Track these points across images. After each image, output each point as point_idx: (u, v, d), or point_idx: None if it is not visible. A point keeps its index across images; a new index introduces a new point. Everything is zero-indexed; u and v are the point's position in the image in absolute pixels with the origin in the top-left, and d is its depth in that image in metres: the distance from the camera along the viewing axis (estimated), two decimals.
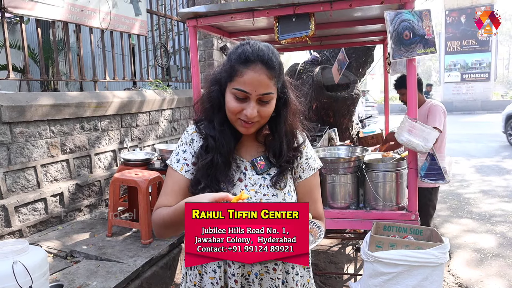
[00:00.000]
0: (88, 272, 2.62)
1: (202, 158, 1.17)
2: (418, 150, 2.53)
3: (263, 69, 1.08)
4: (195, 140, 1.24)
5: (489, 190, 5.96)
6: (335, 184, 2.76)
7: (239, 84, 1.08)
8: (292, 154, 1.23)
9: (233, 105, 1.11)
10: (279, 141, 1.20)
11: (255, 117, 1.11)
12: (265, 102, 1.12)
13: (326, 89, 4.82)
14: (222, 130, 1.17)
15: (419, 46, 2.45)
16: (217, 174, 1.15)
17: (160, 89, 5.15)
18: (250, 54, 1.08)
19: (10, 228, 3.10)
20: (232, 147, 1.18)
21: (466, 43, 23.81)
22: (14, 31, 8.26)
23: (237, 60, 1.10)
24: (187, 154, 1.22)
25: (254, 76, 1.07)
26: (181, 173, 1.19)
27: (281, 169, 1.21)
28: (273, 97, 1.14)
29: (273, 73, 1.10)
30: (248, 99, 1.10)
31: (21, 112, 3.16)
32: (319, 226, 1.10)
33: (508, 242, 3.99)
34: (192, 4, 6.19)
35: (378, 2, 2.46)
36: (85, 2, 4.02)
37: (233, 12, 2.75)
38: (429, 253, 2.14)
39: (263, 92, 1.09)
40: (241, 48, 1.12)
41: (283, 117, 1.20)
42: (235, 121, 1.15)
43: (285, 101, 1.20)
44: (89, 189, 3.88)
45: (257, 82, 1.07)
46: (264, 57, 1.08)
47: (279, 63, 1.13)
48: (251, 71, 1.07)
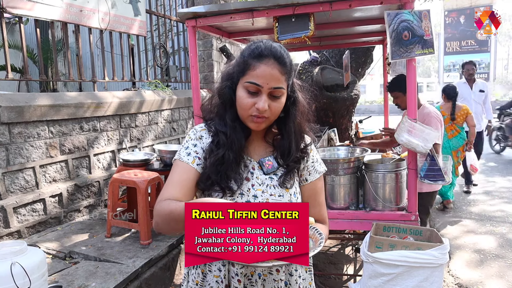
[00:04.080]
0: (87, 273, 2.61)
1: (213, 153, 1.16)
2: (418, 151, 2.52)
3: (275, 64, 1.11)
4: (204, 136, 1.23)
5: (491, 191, 5.96)
6: (334, 184, 2.76)
7: (252, 77, 1.11)
8: (299, 154, 1.24)
9: (245, 100, 1.13)
10: (288, 140, 1.21)
11: (266, 111, 1.12)
12: (276, 97, 1.13)
13: (326, 89, 4.82)
14: (234, 126, 1.18)
15: (418, 47, 2.45)
16: (228, 170, 1.14)
17: (159, 90, 5.14)
18: (264, 50, 1.12)
19: (9, 229, 3.09)
20: (243, 144, 1.18)
21: (465, 44, 23.84)
22: (13, 32, 8.25)
23: (251, 55, 1.13)
24: (198, 148, 1.21)
25: (266, 70, 1.10)
26: (193, 166, 1.17)
27: (289, 169, 1.21)
28: (284, 93, 1.15)
29: (285, 69, 1.13)
30: (259, 92, 1.12)
31: (19, 113, 3.15)
32: (320, 233, 1.09)
33: (508, 243, 3.98)
34: (191, 4, 6.19)
35: (378, 2, 2.45)
36: (84, 2, 4.01)
37: (232, 12, 2.75)
38: (429, 254, 2.14)
39: (275, 85, 1.11)
40: (254, 45, 1.16)
41: (292, 116, 1.21)
42: (246, 117, 1.15)
43: (294, 100, 1.21)
44: (88, 189, 3.87)
45: (269, 75, 1.10)
46: (277, 53, 1.12)
47: (290, 62, 1.16)
48: (264, 65, 1.10)
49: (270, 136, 1.26)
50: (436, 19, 25.54)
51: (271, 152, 1.24)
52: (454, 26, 23.85)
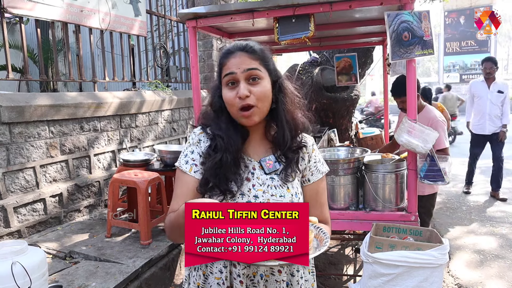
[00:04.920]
0: (87, 273, 2.61)
1: (211, 157, 1.18)
2: (417, 151, 2.53)
3: (243, 53, 1.17)
4: (202, 140, 1.24)
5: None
6: (334, 185, 2.76)
7: (225, 71, 1.17)
8: (296, 144, 1.24)
9: (227, 94, 1.16)
10: (282, 129, 1.21)
11: (248, 97, 1.13)
12: (255, 80, 1.15)
13: (326, 90, 4.83)
14: (229, 128, 1.19)
15: (418, 48, 2.45)
16: (227, 173, 1.15)
17: (159, 90, 5.15)
18: (231, 47, 1.20)
19: (9, 228, 3.09)
20: (240, 145, 1.19)
21: (465, 44, 23.84)
22: (13, 31, 8.26)
23: (221, 56, 1.21)
24: (195, 155, 1.23)
25: (235, 60, 1.16)
26: (190, 174, 1.20)
27: (288, 161, 1.21)
28: (263, 77, 1.16)
29: (255, 55, 1.17)
30: (238, 82, 1.14)
31: (20, 113, 3.15)
32: (325, 233, 1.09)
33: (508, 244, 3.99)
34: (191, 5, 6.19)
35: (378, 3, 2.46)
36: (84, 3, 4.02)
37: (233, 13, 2.75)
38: (429, 254, 2.14)
39: (247, 67, 1.14)
40: (225, 48, 1.24)
41: (281, 103, 1.22)
42: (236, 114, 1.16)
43: (280, 87, 1.22)
44: (88, 189, 3.87)
45: (239, 61, 1.15)
46: (242, 45, 1.18)
47: (260, 49, 1.20)
48: (232, 58, 1.17)
49: (270, 134, 1.26)
50: (436, 19, 25.52)
51: (271, 150, 1.24)
52: (454, 26, 23.85)
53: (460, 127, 9.86)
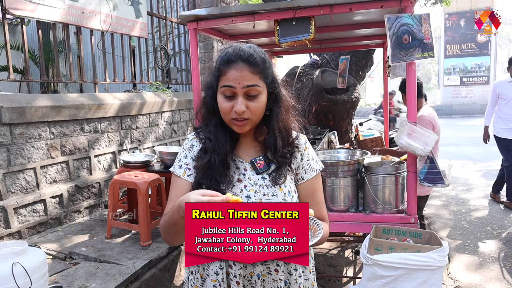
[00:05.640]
0: (87, 274, 2.62)
1: (201, 159, 1.21)
2: (417, 154, 2.53)
3: (244, 66, 1.13)
4: (195, 145, 1.28)
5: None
6: (334, 187, 2.77)
7: (224, 81, 1.15)
8: (287, 149, 1.25)
9: (223, 104, 1.16)
10: (273, 137, 1.22)
11: (244, 112, 1.13)
12: (253, 97, 1.15)
13: (326, 92, 4.84)
14: (217, 131, 1.21)
15: (418, 50, 2.46)
16: (216, 174, 1.17)
17: (160, 91, 5.16)
18: (231, 55, 1.15)
19: (9, 229, 3.09)
20: (228, 147, 1.21)
21: (466, 47, 23.85)
22: (14, 33, 8.28)
23: (221, 62, 1.17)
24: (188, 159, 1.26)
25: (236, 73, 1.13)
26: (184, 178, 1.23)
27: (278, 165, 1.23)
28: (261, 91, 1.16)
29: (256, 68, 1.15)
30: (236, 95, 1.14)
31: (21, 114, 3.16)
32: (318, 224, 1.10)
33: (507, 246, 3.99)
34: (192, 6, 6.21)
35: (378, 6, 2.47)
36: (85, 4, 4.03)
37: (233, 15, 2.76)
38: (428, 256, 2.14)
39: (248, 84, 1.13)
40: (224, 51, 1.20)
41: (275, 113, 1.22)
42: (229, 121, 1.18)
43: (276, 97, 1.23)
44: (88, 190, 3.88)
45: (239, 77, 1.13)
46: (244, 55, 1.14)
47: (262, 59, 1.17)
48: (233, 69, 1.13)
49: (260, 135, 1.27)
50: (437, 22, 25.56)
51: (262, 151, 1.26)
52: (454, 29, 23.88)
53: None
